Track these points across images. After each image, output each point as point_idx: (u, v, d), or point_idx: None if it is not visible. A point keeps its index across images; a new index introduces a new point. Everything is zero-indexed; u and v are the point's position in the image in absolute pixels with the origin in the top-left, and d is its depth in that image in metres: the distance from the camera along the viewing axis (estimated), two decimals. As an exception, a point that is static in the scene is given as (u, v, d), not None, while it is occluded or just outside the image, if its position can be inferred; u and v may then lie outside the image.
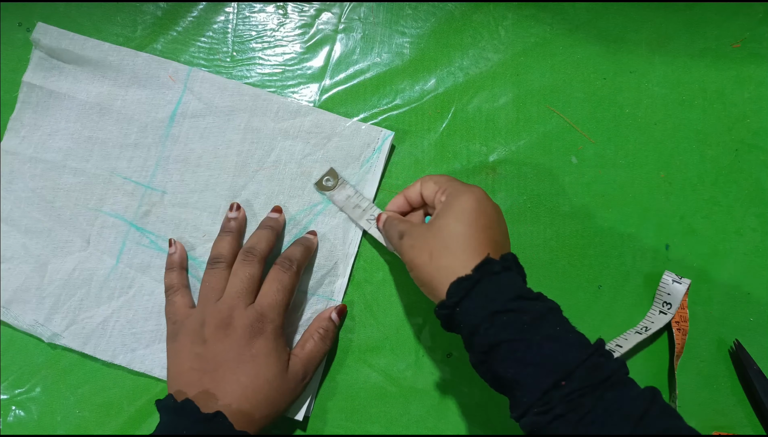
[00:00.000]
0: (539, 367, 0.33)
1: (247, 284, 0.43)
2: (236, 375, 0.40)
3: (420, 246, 0.38)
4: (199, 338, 0.42)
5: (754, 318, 0.50)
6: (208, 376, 0.40)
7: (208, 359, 0.41)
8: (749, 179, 0.52)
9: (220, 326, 0.41)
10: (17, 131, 0.49)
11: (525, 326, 0.34)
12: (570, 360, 0.33)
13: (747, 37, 0.53)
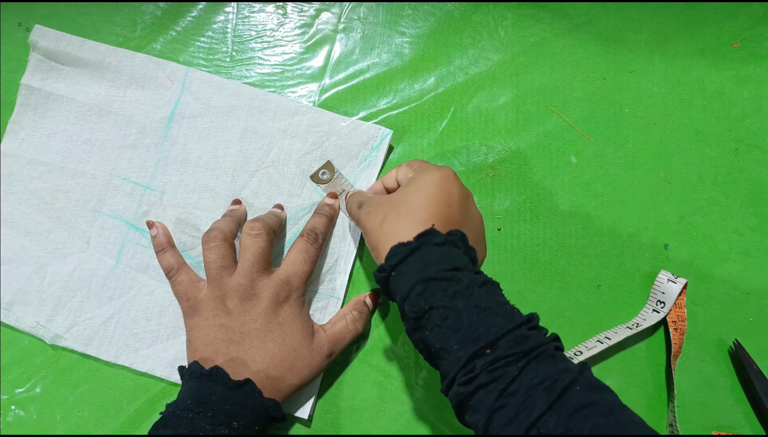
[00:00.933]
0: (466, 335, 0.32)
1: (261, 256, 0.43)
2: (264, 343, 0.41)
3: (374, 212, 0.39)
4: (222, 311, 0.42)
5: (753, 318, 0.50)
6: (235, 345, 0.41)
7: (234, 329, 0.41)
8: (749, 178, 0.52)
9: (245, 297, 0.42)
10: (16, 133, 0.49)
11: (457, 294, 0.33)
12: (497, 329, 0.32)
13: (747, 37, 0.53)
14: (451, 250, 0.36)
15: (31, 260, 0.48)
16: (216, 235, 0.43)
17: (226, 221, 0.45)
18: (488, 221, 0.50)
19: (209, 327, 0.42)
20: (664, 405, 0.48)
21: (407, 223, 0.37)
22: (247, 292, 0.42)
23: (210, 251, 0.43)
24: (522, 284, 0.50)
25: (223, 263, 0.42)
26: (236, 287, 0.42)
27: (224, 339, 0.41)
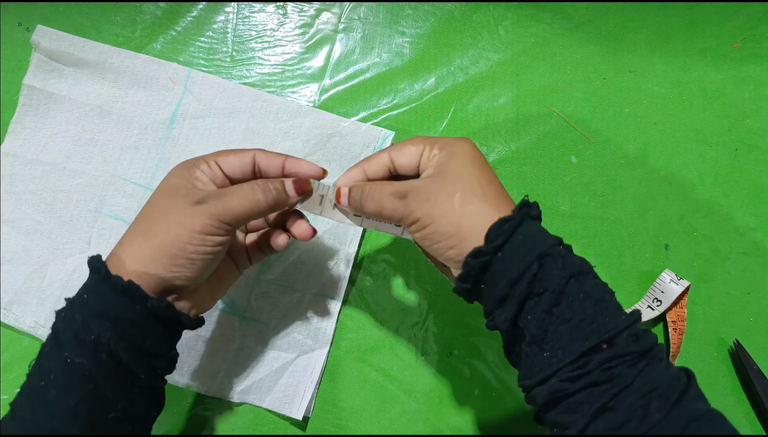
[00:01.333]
0: (579, 326, 0.29)
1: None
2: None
3: (439, 196, 0.33)
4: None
5: (753, 318, 0.50)
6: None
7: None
8: (749, 178, 0.52)
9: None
10: (18, 134, 0.49)
11: (572, 278, 0.30)
12: (614, 324, 0.29)
13: (747, 37, 0.53)
14: (541, 226, 0.32)
15: (31, 260, 0.48)
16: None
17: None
18: (489, 221, 0.50)
19: None
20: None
21: (491, 200, 0.32)
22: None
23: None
24: (522, 284, 0.50)
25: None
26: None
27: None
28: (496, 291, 0.31)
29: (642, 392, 0.28)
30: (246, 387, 0.47)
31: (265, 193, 0.35)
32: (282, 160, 0.37)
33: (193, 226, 0.33)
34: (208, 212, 0.33)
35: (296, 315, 0.48)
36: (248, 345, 0.47)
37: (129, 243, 0.33)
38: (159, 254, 0.32)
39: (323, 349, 0.48)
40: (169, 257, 0.32)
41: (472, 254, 0.31)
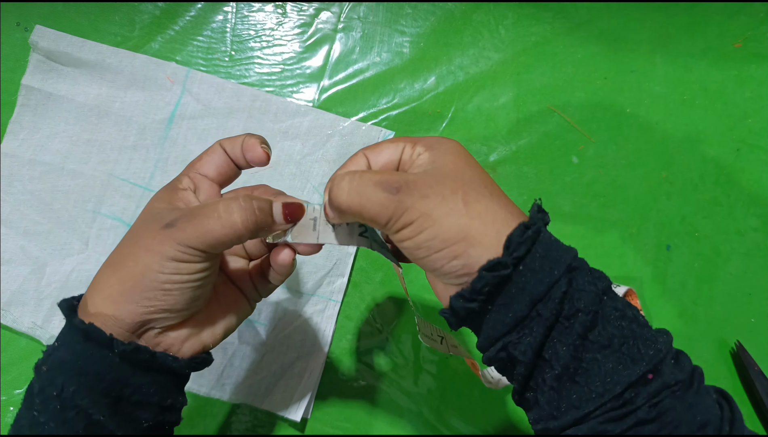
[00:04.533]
0: (619, 352, 0.24)
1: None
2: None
3: (442, 192, 0.26)
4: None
5: (755, 319, 0.49)
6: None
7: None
8: (750, 179, 0.51)
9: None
10: (16, 134, 0.49)
11: (603, 295, 0.25)
12: (657, 347, 0.25)
13: (748, 37, 0.53)
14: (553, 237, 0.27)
15: (29, 260, 0.48)
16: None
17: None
18: (489, 221, 0.50)
19: None
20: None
21: (494, 199, 0.27)
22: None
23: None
24: (523, 285, 0.49)
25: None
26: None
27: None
28: (511, 313, 0.25)
29: (693, 428, 0.24)
30: (245, 389, 0.47)
31: (244, 215, 0.28)
32: (240, 141, 0.32)
33: (163, 252, 0.27)
34: (177, 237, 0.27)
35: (295, 317, 0.48)
36: (247, 347, 0.47)
37: (98, 278, 0.29)
38: (128, 286, 0.28)
39: (322, 351, 0.47)
40: (140, 290, 0.28)
41: (488, 267, 0.25)
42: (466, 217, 0.26)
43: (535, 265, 0.25)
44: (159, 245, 0.27)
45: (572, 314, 0.25)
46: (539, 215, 0.27)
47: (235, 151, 0.32)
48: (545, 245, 0.25)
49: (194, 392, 0.47)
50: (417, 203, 0.26)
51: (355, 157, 0.31)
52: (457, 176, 0.27)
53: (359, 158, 0.31)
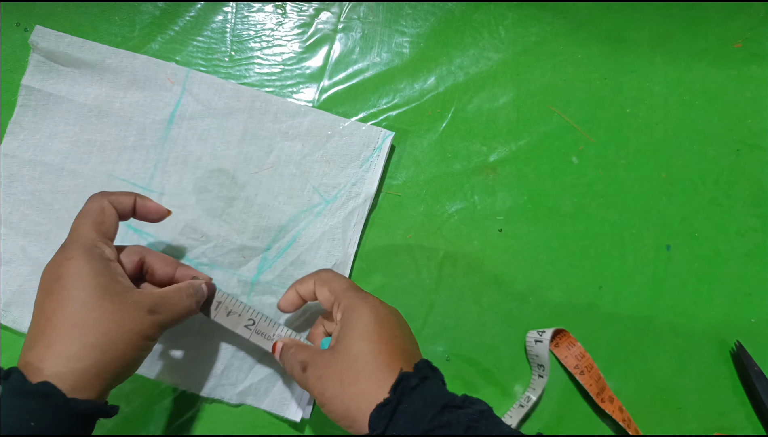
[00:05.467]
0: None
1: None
2: (41, 309, 0.33)
3: (328, 376, 0.35)
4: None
5: (755, 319, 0.49)
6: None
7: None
8: (750, 179, 0.51)
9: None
10: (16, 134, 0.49)
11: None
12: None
13: (748, 37, 0.53)
14: (429, 386, 0.33)
15: (29, 260, 0.48)
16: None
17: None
18: (489, 222, 0.50)
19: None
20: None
21: (373, 378, 0.33)
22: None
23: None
24: (523, 286, 0.49)
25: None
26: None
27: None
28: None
29: None
30: (244, 389, 0.47)
31: (197, 299, 0.39)
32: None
33: (147, 335, 0.35)
34: (159, 322, 0.35)
35: (295, 317, 0.48)
36: (246, 347, 0.47)
37: (84, 358, 0.32)
38: (119, 365, 0.33)
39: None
40: (127, 367, 0.34)
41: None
42: (347, 399, 0.33)
43: (398, 429, 0.31)
44: (146, 329, 0.34)
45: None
46: (399, 388, 0.32)
47: (125, 209, 0.39)
48: (406, 414, 0.32)
49: (194, 393, 0.47)
50: (315, 383, 0.35)
51: (309, 280, 0.41)
52: (344, 357, 0.35)
53: (310, 284, 0.41)
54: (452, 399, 0.33)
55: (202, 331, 0.47)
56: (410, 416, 0.32)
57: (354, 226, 0.49)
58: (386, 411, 0.32)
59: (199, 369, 0.47)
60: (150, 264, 0.40)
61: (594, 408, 0.48)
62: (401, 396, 0.32)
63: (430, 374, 0.34)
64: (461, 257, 0.50)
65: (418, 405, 0.32)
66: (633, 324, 0.49)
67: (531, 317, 0.49)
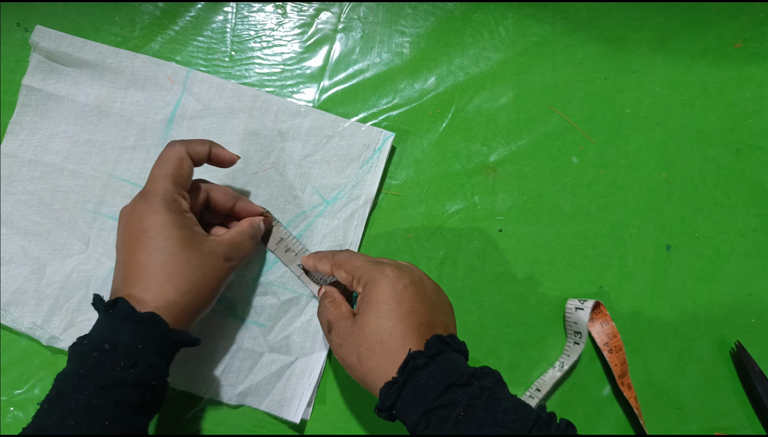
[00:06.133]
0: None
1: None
2: (132, 255, 0.38)
3: (347, 347, 0.37)
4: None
5: (755, 319, 0.49)
6: (116, 272, 0.39)
7: (116, 262, 0.40)
8: (751, 179, 0.51)
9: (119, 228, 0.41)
10: (17, 134, 0.49)
11: (460, 417, 0.32)
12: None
13: (748, 37, 0.53)
14: (438, 365, 0.34)
15: (29, 260, 0.48)
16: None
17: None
18: (489, 222, 0.50)
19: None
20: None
21: (387, 356, 0.35)
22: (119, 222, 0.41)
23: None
24: (523, 286, 0.49)
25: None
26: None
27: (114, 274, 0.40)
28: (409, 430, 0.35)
29: None
30: (244, 390, 0.47)
31: (255, 239, 0.44)
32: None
33: (224, 278, 0.41)
34: (233, 267, 0.42)
35: (296, 317, 0.48)
36: (247, 347, 0.47)
37: (179, 302, 0.38)
38: (205, 308, 0.40)
39: (322, 352, 0.47)
40: (207, 308, 0.41)
41: (376, 409, 0.36)
42: (362, 372, 0.37)
43: (404, 408, 0.34)
44: (224, 275, 0.41)
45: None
46: (406, 369, 0.34)
47: (200, 157, 0.42)
48: (412, 392, 0.34)
49: (194, 393, 0.47)
50: (336, 348, 0.39)
51: (328, 258, 0.43)
52: (362, 331, 0.37)
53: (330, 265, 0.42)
54: (459, 376, 0.34)
55: (202, 332, 0.47)
56: (415, 395, 0.33)
57: (355, 228, 0.49)
58: (393, 390, 0.34)
59: (199, 369, 0.47)
60: (213, 198, 0.44)
61: (614, 390, 0.48)
62: (408, 376, 0.34)
63: (442, 350, 0.35)
64: (461, 257, 0.50)
65: (423, 385, 0.34)
66: (633, 324, 0.49)
67: (531, 317, 0.49)
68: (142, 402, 0.35)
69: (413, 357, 0.34)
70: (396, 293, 0.37)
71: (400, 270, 0.38)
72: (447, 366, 0.34)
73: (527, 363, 0.49)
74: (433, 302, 0.39)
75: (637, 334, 0.49)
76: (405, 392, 0.34)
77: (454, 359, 0.35)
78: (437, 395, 0.33)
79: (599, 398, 0.48)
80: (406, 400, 0.34)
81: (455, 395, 0.33)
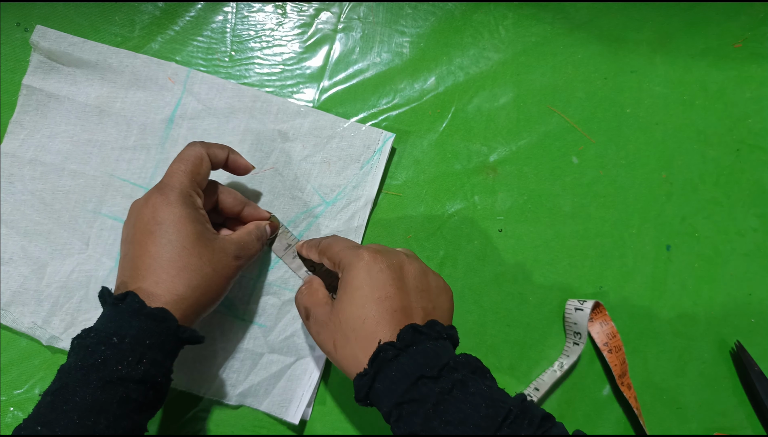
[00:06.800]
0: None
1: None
2: (144, 247, 0.37)
3: (324, 334, 0.38)
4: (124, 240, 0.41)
5: (755, 319, 0.49)
6: (123, 264, 0.39)
7: (122, 255, 0.40)
8: (750, 179, 0.51)
9: (130, 217, 0.40)
10: (17, 134, 0.49)
11: (429, 415, 0.31)
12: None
13: (748, 37, 0.53)
14: (409, 357, 0.33)
15: (30, 260, 0.48)
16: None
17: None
18: (489, 222, 0.50)
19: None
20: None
21: (361, 344, 0.35)
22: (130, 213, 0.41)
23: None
24: (523, 286, 0.49)
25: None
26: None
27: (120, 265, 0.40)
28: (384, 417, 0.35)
29: None
30: (244, 390, 0.47)
31: (261, 241, 0.44)
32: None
33: (232, 276, 0.41)
34: (241, 266, 0.41)
35: (296, 318, 0.48)
36: (247, 348, 0.47)
37: (189, 297, 0.37)
38: (214, 303, 0.40)
39: (322, 353, 0.47)
40: (215, 304, 0.40)
41: (354, 397, 0.36)
42: (337, 359, 0.37)
43: (377, 399, 0.34)
44: (233, 272, 0.41)
45: (408, 435, 0.32)
46: (375, 362, 0.34)
47: (218, 161, 0.42)
48: (383, 384, 0.33)
49: (194, 393, 0.47)
50: (314, 335, 0.39)
51: (316, 243, 0.43)
52: (337, 319, 0.37)
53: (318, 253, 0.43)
54: (431, 368, 0.33)
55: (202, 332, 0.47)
56: (386, 387, 0.33)
57: (356, 229, 0.49)
58: (365, 381, 0.34)
59: (199, 370, 0.47)
60: (223, 200, 0.44)
61: (614, 390, 0.48)
62: (379, 367, 0.34)
63: (416, 340, 0.34)
64: (461, 257, 0.50)
65: (393, 376, 0.33)
66: (633, 324, 0.49)
67: (531, 317, 0.49)
68: (145, 399, 0.35)
69: (383, 348, 0.34)
70: (371, 277, 0.36)
71: (377, 254, 0.37)
72: (419, 357, 0.33)
73: (527, 363, 0.49)
74: (415, 286, 0.37)
75: (637, 334, 0.49)
76: (377, 382, 0.34)
77: (430, 348, 0.34)
78: (406, 388, 0.32)
79: (599, 398, 0.48)
80: (379, 391, 0.34)
81: (425, 389, 0.32)
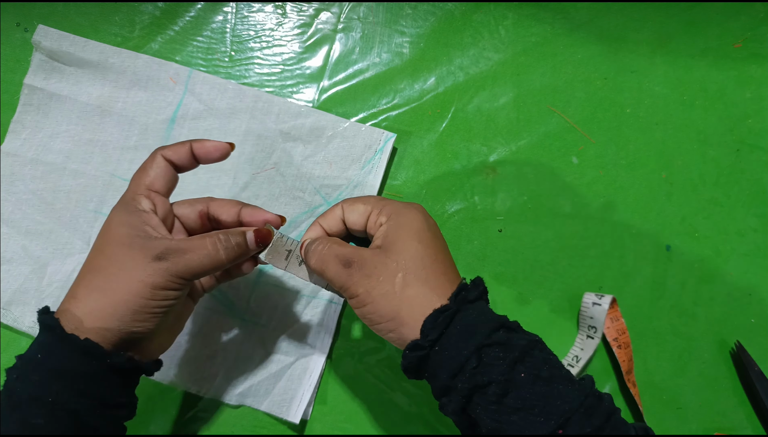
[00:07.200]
0: (531, 414, 0.28)
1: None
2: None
3: (380, 273, 0.32)
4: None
5: (755, 319, 0.49)
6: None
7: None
8: (750, 179, 0.51)
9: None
10: (18, 133, 0.49)
11: (516, 363, 0.29)
12: (566, 404, 0.28)
13: (748, 37, 0.53)
14: (484, 305, 0.32)
15: (31, 260, 0.48)
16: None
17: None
18: (489, 222, 0.50)
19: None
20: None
21: (432, 283, 0.32)
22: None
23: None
24: (523, 286, 0.49)
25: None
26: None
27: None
28: (438, 383, 0.31)
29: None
30: (244, 390, 0.47)
31: (227, 250, 0.34)
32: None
33: (154, 283, 0.32)
34: (169, 270, 0.32)
35: (296, 318, 0.48)
36: (247, 348, 0.47)
37: (84, 298, 0.32)
38: (121, 311, 0.32)
39: (322, 352, 0.47)
40: (131, 314, 0.32)
41: (409, 348, 0.31)
42: (398, 300, 0.31)
43: (450, 344, 0.30)
44: (150, 276, 0.32)
45: (485, 385, 0.29)
46: (459, 297, 0.31)
47: (181, 158, 0.36)
48: (462, 325, 0.30)
49: (195, 394, 0.47)
50: (362, 280, 0.32)
51: (335, 208, 0.37)
52: (400, 257, 0.32)
53: (338, 209, 0.37)
54: (507, 319, 0.31)
55: (202, 332, 0.47)
56: (466, 328, 0.30)
57: None
58: (444, 318, 0.30)
59: (199, 370, 0.47)
60: (214, 211, 0.38)
61: (620, 386, 0.48)
62: (460, 306, 0.31)
63: (484, 294, 0.33)
64: (461, 258, 0.50)
65: (475, 318, 0.31)
66: (633, 324, 0.49)
67: (530, 317, 0.49)
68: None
69: (465, 287, 0.32)
70: (429, 224, 0.34)
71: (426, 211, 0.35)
72: (489, 308, 0.32)
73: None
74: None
75: (637, 334, 0.49)
76: (455, 323, 0.30)
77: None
78: (490, 332, 0.30)
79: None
80: (454, 333, 0.30)
81: (511, 336, 0.30)
